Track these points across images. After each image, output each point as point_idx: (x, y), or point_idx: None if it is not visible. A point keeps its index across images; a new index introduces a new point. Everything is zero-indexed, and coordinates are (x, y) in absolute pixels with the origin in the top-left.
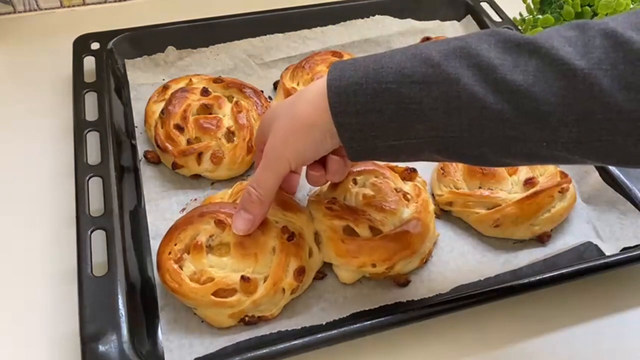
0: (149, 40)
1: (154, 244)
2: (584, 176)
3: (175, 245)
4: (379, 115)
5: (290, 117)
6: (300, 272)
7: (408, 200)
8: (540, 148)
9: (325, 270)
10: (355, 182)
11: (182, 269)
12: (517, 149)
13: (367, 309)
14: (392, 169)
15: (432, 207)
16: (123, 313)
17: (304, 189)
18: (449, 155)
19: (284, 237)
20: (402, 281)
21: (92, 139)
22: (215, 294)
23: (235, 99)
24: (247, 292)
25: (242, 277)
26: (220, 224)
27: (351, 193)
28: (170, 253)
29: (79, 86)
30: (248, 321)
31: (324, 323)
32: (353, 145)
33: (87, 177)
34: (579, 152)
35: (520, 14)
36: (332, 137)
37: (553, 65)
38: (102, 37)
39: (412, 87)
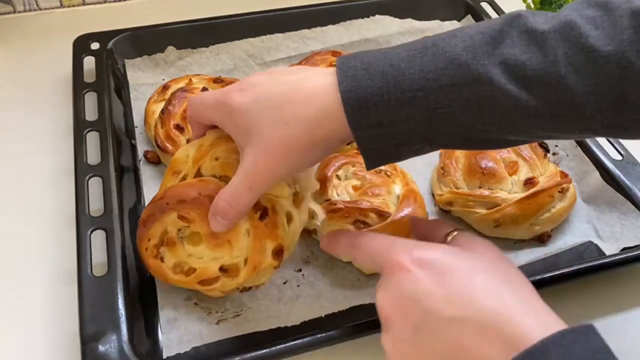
0: (149, 40)
1: None
2: (584, 176)
3: (149, 241)
4: (404, 125)
5: (284, 135)
6: (278, 253)
7: (389, 176)
8: (572, 135)
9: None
10: (338, 177)
11: (163, 261)
12: (546, 135)
13: (366, 303)
14: (358, 153)
15: (409, 175)
16: (123, 313)
17: None
18: (471, 144)
19: (255, 216)
20: None
21: (92, 139)
22: (200, 282)
23: None
24: (230, 277)
25: (221, 268)
26: (184, 219)
27: (341, 189)
28: (147, 249)
29: (79, 86)
30: (241, 291)
31: (323, 315)
32: (373, 154)
33: (87, 177)
34: (609, 133)
35: None
36: (339, 142)
37: (583, 53)
38: (102, 37)
39: (440, 91)
